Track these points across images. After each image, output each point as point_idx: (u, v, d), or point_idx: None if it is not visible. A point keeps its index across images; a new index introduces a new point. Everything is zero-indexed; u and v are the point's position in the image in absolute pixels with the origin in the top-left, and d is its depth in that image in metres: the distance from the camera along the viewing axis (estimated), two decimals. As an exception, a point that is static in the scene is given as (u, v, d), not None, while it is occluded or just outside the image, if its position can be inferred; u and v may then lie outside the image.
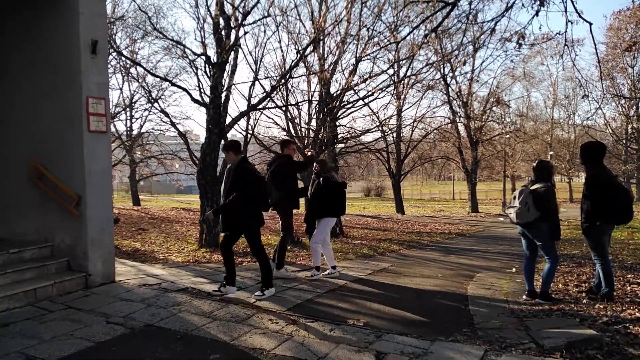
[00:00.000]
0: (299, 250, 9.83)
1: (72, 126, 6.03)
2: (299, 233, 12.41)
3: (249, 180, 5.62)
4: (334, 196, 6.96)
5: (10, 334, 4.33)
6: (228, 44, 10.40)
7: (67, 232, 6.12)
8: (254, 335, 4.34)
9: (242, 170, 5.67)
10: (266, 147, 19.17)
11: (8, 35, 6.53)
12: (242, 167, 5.71)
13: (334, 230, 12.94)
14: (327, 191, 6.89)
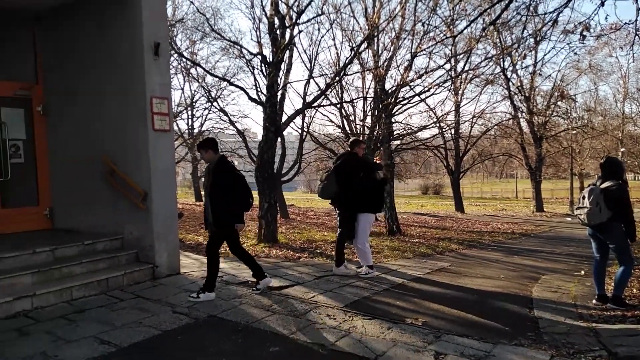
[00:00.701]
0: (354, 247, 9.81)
1: (138, 125, 6.35)
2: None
3: (232, 179, 5.45)
4: (378, 192, 6.90)
5: (86, 320, 4.63)
6: (283, 43, 10.54)
7: (136, 225, 6.45)
8: (312, 330, 4.40)
9: (224, 168, 5.53)
10: (321, 144, 19.28)
11: (79, 40, 6.96)
12: (223, 165, 5.56)
13: (391, 228, 12.85)
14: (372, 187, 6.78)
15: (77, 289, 5.35)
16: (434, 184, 53.56)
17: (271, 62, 10.80)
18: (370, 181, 6.79)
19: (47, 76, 7.39)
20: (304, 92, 14.50)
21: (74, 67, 7.04)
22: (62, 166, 7.20)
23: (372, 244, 10.41)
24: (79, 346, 3.97)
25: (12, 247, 5.75)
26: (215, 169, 5.53)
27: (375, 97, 14.54)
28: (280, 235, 10.86)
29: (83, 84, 6.94)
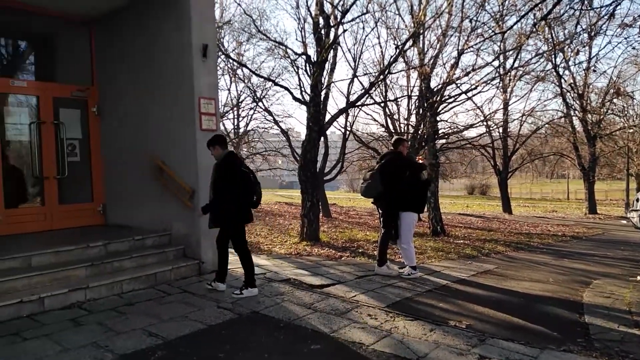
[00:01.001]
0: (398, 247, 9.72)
1: (186, 125, 6.53)
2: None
3: (234, 175, 5.37)
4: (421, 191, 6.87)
5: (135, 313, 4.81)
6: (327, 43, 10.57)
7: (183, 222, 6.65)
8: (353, 329, 4.40)
9: (228, 165, 5.42)
10: (364, 143, 19.20)
11: (130, 43, 7.23)
12: (228, 161, 5.44)
13: (435, 228, 12.65)
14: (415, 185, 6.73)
15: (127, 283, 5.58)
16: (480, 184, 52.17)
17: (315, 61, 10.85)
18: (415, 180, 6.72)
19: (101, 78, 7.75)
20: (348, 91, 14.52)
21: (125, 69, 7.34)
22: (114, 164, 7.52)
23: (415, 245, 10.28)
24: (128, 338, 4.14)
25: (68, 241, 6.07)
26: (220, 164, 5.45)
27: (420, 96, 14.34)
28: (322, 234, 10.90)
29: (134, 85, 7.21)
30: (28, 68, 8.13)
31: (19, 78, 7.54)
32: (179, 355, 3.79)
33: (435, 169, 13.33)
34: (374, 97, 15.90)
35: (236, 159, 5.56)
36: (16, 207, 7.12)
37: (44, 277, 5.19)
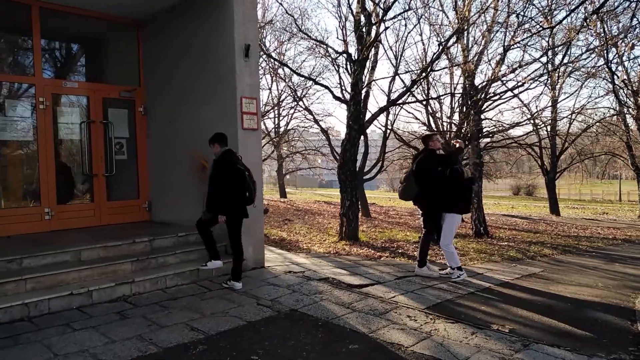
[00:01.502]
0: (439, 248, 9.56)
1: (229, 124, 6.64)
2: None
3: (230, 172, 5.55)
4: (464, 191, 6.58)
5: (179, 307, 4.94)
6: (369, 41, 10.50)
7: (224, 220, 6.75)
8: (392, 330, 4.35)
9: (223, 162, 5.62)
10: (405, 142, 18.96)
11: (175, 44, 7.42)
12: (225, 159, 5.64)
13: (478, 229, 12.35)
14: (457, 185, 6.42)
15: (170, 278, 5.74)
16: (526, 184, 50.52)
17: (356, 60, 10.81)
18: (454, 177, 6.42)
19: (147, 79, 7.99)
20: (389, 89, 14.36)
21: (170, 70, 7.54)
22: (160, 163, 7.74)
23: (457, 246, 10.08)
24: (171, 331, 4.25)
25: (116, 236, 6.30)
26: (218, 160, 5.66)
27: (463, 93, 14.03)
28: (361, 233, 10.85)
29: (178, 85, 7.40)
30: (79, 70, 8.49)
31: (71, 79, 7.88)
32: (219, 350, 3.86)
33: (479, 169, 13.01)
34: (416, 95, 15.67)
35: (233, 157, 5.73)
36: (67, 203, 7.46)
37: (92, 271, 5.40)
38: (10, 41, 7.46)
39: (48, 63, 7.71)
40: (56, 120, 7.27)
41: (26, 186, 7.35)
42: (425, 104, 16.58)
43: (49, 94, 7.06)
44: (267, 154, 24.90)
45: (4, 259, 5.11)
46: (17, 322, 4.48)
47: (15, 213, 6.88)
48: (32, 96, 7.01)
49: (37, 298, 4.71)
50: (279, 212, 17.16)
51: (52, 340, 4.03)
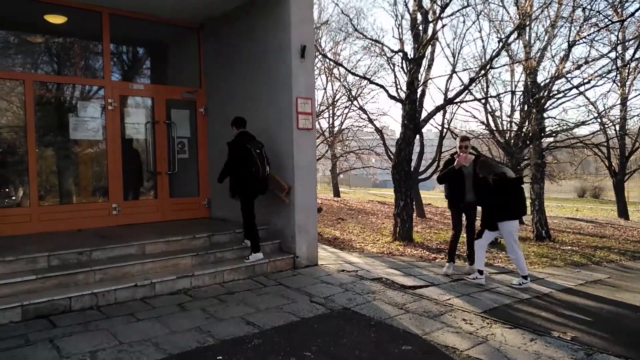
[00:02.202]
0: (497, 251, 9.28)
1: (284, 124, 6.76)
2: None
3: (241, 151, 6.05)
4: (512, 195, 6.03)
5: (235, 301, 5.09)
6: (425, 39, 10.35)
7: (279, 217, 6.90)
8: (446, 333, 4.28)
9: (234, 143, 6.18)
10: (463, 141, 18.48)
11: (233, 46, 7.63)
12: (234, 140, 6.21)
13: (539, 232, 11.86)
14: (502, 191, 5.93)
15: (227, 273, 5.92)
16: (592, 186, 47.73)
17: (412, 58, 10.69)
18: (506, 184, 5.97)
19: (208, 80, 8.27)
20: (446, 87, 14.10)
21: (229, 71, 7.76)
22: (219, 161, 7.96)
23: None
24: (228, 325, 4.39)
25: (177, 232, 6.57)
26: (231, 142, 6.24)
27: (525, 91, 13.51)
28: (415, 234, 10.71)
29: (236, 86, 7.60)
30: (144, 72, 8.92)
31: (137, 81, 8.30)
32: (273, 345, 3.94)
33: (541, 170, 12.48)
34: (474, 94, 15.24)
35: (244, 138, 6.24)
36: (133, 200, 7.86)
37: (155, 264, 5.67)
38: (83, 46, 7.95)
39: (116, 66, 8.15)
40: (123, 121, 7.68)
41: (95, 183, 7.82)
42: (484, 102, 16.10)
43: (117, 96, 7.47)
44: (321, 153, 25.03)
45: (75, 251, 5.46)
46: (87, 310, 4.78)
47: (86, 208, 7.34)
48: (101, 98, 7.44)
49: (105, 288, 5.00)
50: (333, 211, 17.23)
51: (118, 329, 4.27)
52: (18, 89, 6.84)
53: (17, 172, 6.95)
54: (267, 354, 3.78)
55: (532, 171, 12.42)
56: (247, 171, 6.07)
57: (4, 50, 7.26)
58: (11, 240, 6.01)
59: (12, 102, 7.03)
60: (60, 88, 7.48)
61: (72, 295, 4.78)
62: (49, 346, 3.86)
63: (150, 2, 7.12)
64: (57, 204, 7.26)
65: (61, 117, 7.36)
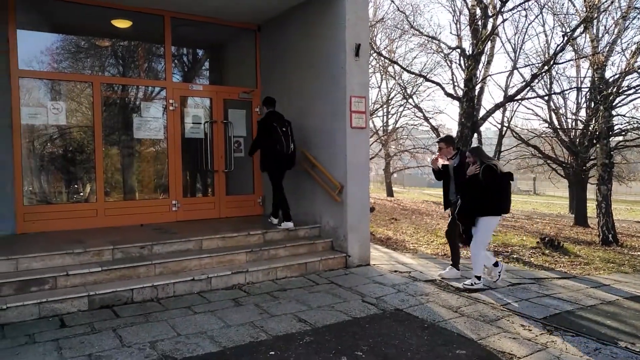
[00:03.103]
0: (560, 255, 8.88)
1: (337, 123, 6.76)
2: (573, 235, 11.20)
3: (268, 129, 6.71)
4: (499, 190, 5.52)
5: (287, 298, 5.16)
6: (484, 34, 10.04)
7: (331, 216, 6.92)
8: (503, 339, 4.14)
9: (263, 121, 6.87)
10: (524, 140, 17.79)
11: (287, 46, 7.71)
12: (264, 119, 6.89)
13: (605, 236, 11.23)
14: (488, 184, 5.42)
15: (280, 270, 6.00)
16: (666, 188, 44.70)
17: (470, 54, 10.41)
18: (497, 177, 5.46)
19: (263, 80, 8.42)
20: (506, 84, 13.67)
21: (284, 71, 7.86)
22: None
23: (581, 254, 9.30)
24: (280, 321, 4.45)
25: (233, 228, 6.74)
26: (260, 120, 7.04)
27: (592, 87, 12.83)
28: (472, 235, 10.41)
29: (291, 86, 7.69)
30: (203, 73, 9.21)
31: (196, 82, 8.57)
32: (324, 343, 3.96)
33: (609, 170, 11.80)
34: (536, 90, 14.67)
35: (272, 117, 6.85)
36: (191, 197, 8.15)
37: (212, 260, 5.84)
38: (146, 49, 8.31)
39: (177, 68, 8.46)
40: (183, 120, 7.96)
41: (157, 180, 8.17)
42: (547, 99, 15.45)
43: (177, 96, 7.76)
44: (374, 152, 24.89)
45: (137, 245, 5.72)
46: (148, 301, 5.00)
47: (148, 204, 7.67)
48: (163, 98, 7.76)
49: (164, 281, 5.21)
50: (386, 210, 17.09)
51: (176, 321, 4.43)
52: (87, 90, 7.26)
53: (85, 169, 7.38)
54: (318, 351, 3.80)
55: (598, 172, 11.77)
56: (272, 147, 6.73)
57: (75, 54, 7.72)
58: (79, 234, 6.39)
59: (81, 103, 7.46)
60: (125, 89, 7.86)
61: (134, 287, 5.01)
62: (112, 335, 4.07)
63: (210, 4, 7.34)
64: (121, 200, 7.64)
65: (126, 117, 7.75)
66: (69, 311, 4.61)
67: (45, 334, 4.07)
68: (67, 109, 7.11)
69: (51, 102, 6.95)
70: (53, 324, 4.31)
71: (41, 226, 6.65)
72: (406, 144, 26.09)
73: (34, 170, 7.01)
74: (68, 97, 7.27)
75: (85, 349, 3.77)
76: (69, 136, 7.36)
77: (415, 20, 21.48)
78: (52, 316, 4.50)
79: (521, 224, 15.62)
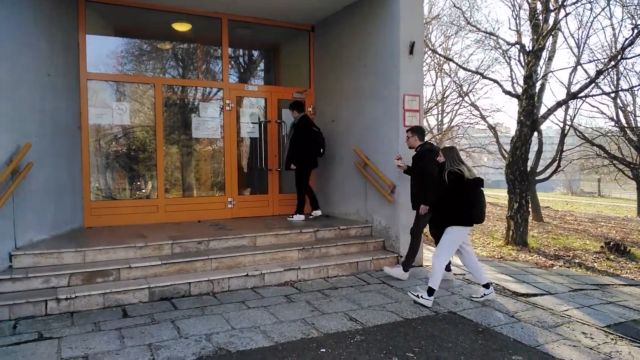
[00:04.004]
0: (626, 260, 8.38)
1: (390, 122, 6.71)
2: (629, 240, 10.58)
3: (305, 132, 7.29)
4: (466, 197, 4.91)
5: (338, 297, 5.18)
6: (545, 29, 9.64)
7: (383, 215, 6.87)
8: (562, 346, 3.96)
9: (300, 125, 7.33)
10: (588, 139, 16.92)
11: (339, 46, 7.72)
12: (302, 122, 7.35)
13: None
14: (455, 191, 4.89)
15: (331, 268, 6.04)
16: None
17: (530, 50, 10.03)
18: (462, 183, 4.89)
19: (316, 80, 8.49)
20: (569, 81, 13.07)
21: (337, 70, 7.89)
22: (325, 159, 8.17)
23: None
24: (331, 319, 4.48)
25: (285, 226, 6.84)
26: (296, 124, 7.39)
27: (664, 83, 12.01)
28: (530, 239, 10.03)
29: (343, 85, 7.70)
30: (258, 74, 9.39)
31: (251, 83, 8.76)
32: (375, 343, 3.95)
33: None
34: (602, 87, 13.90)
35: (307, 120, 7.46)
36: (246, 194, 8.34)
37: (265, 256, 5.96)
38: (204, 51, 8.58)
39: (233, 69, 8.68)
40: (238, 120, 8.17)
41: (213, 178, 8.42)
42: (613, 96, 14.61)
43: (233, 97, 7.97)
44: (428, 151, 24.41)
45: (195, 240, 5.93)
46: (204, 295, 5.17)
47: (205, 201, 7.94)
48: (220, 99, 7.99)
49: (220, 276, 5.37)
50: (440, 211, 16.74)
51: (231, 315, 4.56)
52: (149, 92, 7.59)
53: (147, 167, 7.73)
54: (369, 351, 3.79)
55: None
56: (312, 148, 7.41)
57: (139, 57, 8.09)
58: (140, 229, 6.71)
59: (143, 104, 7.81)
60: (185, 90, 8.16)
61: (191, 281, 5.20)
62: (171, 326, 4.25)
63: (266, 6, 7.48)
64: (180, 197, 7.94)
65: (185, 117, 8.04)
66: (131, 302, 4.85)
67: (109, 323, 4.30)
68: (130, 110, 7.48)
69: (116, 103, 7.33)
70: (116, 314, 4.55)
71: (106, 221, 7.04)
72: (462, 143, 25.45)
73: (100, 168, 7.42)
74: (132, 98, 7.64)
75: (145, 338, 3.96)
76: (132, 135, 7.73)
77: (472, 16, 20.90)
78: (115, 306, 4.76)
79: (584, 227, 14.88)
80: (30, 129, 5.43)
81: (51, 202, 5.97)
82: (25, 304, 4.44)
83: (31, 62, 5.51)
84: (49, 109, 5.94)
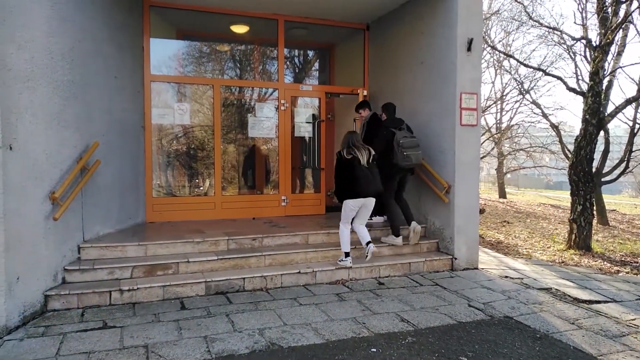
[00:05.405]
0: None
1: (446, 120, 6.58)
2: None
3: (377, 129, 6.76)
4: (346, 174, 5.78)
5: (390, 297, 5.15)
6: (615, 22, 9.12)
7: (437, 216, 6.76)
8: (627, 357, 3.75)
9: (373, 122, 7.09)
10: (661, 139, 15.82)
11: (394, 44, 7.65)
12: (374, 119, 7.13)
13: None
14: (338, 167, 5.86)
15: (383, 268, 6.01)
16: None
17: (597, 45, 9.52)
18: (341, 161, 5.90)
19: (371, 78, 8.47)
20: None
21: (392, 69, 7.83)
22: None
23: None
24: (382, 319, 4.47)
25: (336, 224, 6.85)
26: (368, 121, 7.19)
27: None
28: (594, 243, 9.53)
29: (398, 83, 7.64)
30: (312, 73, 9.49)
31: (306, 83, 8.86)
32: (427, 345, 3.90)
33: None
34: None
35: (378, 118, 7.16)
36: (299, 193, 8.45)
37: (316, 254, 6.02)
38: (261, 52, 8.78)
39: (288, 69, 8.82)
40: (293, 120, 8.29)
41: (268, 176, 8.59)
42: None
43: (288, 97, 8.09)
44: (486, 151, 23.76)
45: (249, 237, 6.08)
46: (257, 290, 5.30)
47: (259, 199, 8.12)
48: (275, 99, 8.14)
49: (273, 273, 5.48)
50: (497, 213, 16.23)
51: (283, 311, 4.65)
52: (208, 92, 7.85)
53: (205, 165, 8.01)
54: (420, 353, 3.76)
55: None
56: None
57: (199, 58, 8.39)
58: (198, 225, 6.96)
59: (203, 104, 8.09)
60: (242, 91, 8.37)
61: (246, 277, 5.34)
62: (225, 320, 4.38)
63: (322, 6, 7.54)
64: (236, 195, 8.17)
65: (241, 116, 8.25)
66: (188, 295, 5.05)
67: (168, 315, 4.50)
68: (190, 110, 7.78)
69: (177, 103, 7.64)
70: (174, 306, 4.76)
71: (166, 216, 7.36)
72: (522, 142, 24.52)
73: (161, 166, 7.76)
74: (192, 99, 7.94)
75: (201, 330, 4.11)
76: (192, 135, 8.03)
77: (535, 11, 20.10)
78: (173, 298, 4.97)
79: None
80: (99, 129, 5.76)
81: (116, 198, 6.31)
82: (91, 293, 4.73)
83: (100, 65, 5.85)
84: (116, 110, 6.28)
